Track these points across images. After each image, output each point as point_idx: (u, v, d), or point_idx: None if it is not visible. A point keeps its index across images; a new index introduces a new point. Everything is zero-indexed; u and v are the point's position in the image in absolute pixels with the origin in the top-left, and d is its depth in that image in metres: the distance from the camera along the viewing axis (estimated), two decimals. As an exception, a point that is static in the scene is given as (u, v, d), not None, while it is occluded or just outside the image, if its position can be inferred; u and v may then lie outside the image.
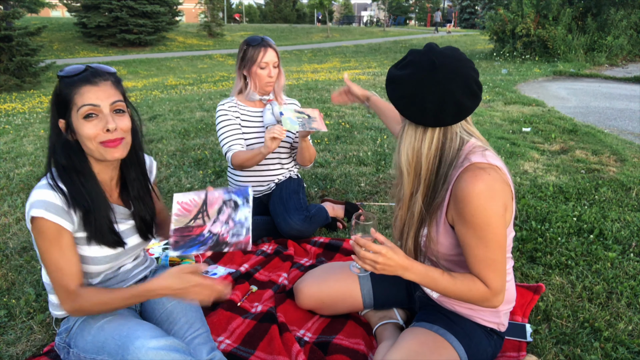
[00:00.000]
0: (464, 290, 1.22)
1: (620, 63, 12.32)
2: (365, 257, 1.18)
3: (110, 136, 1.22)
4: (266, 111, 2.36)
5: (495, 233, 1.16)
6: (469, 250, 1.20)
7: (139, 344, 1.16)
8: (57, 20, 26.16)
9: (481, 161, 1.18)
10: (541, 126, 4.86)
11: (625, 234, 2.39)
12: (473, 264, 1.21)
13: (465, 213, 1.16)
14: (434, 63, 1.16)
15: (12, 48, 10.65)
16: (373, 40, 24.98)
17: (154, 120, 5.54)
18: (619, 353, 1.55)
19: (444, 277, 1.22)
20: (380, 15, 49.20)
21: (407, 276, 1.20)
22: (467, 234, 1.19)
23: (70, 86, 1.21)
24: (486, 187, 1.14)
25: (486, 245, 1.17)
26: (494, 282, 1.20)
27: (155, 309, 1.46)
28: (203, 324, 1.44)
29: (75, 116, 1.21)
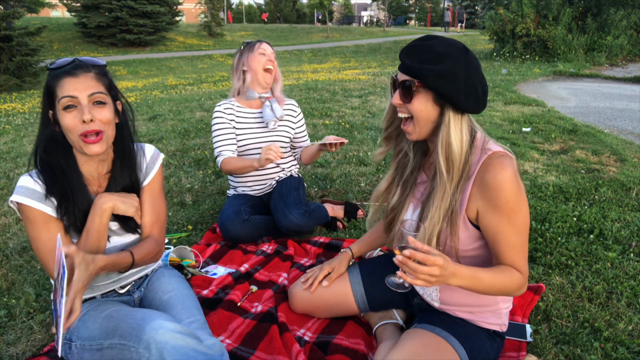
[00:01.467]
0: (506, 282, 1.19)
1: (620, 63, 12.31)
2: (421, 272, 1.06)
3: (87, 127, 1.23)
4: (265, 108, 2.40)
5: (526, 216, 1.19)
6: (503, 238, 1.19)
7: (157, 324, 1.15)
8: (57, 20, 26.16)
9: (499, 149, 1.20)
10: (541, 126, 4.86)
11: (625, 234, 2.39)
12: (507, 252, 1.20)
13: (500, 199, 1.16)
14: (465, 48, 1.18)
15: (12, 48, 10.65)
16: (373, 40, 24.98)
17: (154, 120, 5.54)
18: (619, 353, 1.55)
19: (489, 274, 1.17)
20: (380, 15, 49.20)
21: (455, 282, 1.13)
22: (500, 222, 1.18)
23: (54, 78, 1.24)
24: (514, 173, 1.16)
25: (518, 231, 1.18)
26: (525, 267, 1.22)
27: (152, 302, 1.47)
28: (199, 312, 1.44)
29: (58, 107, 1.24)
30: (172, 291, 1.47)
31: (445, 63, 1.14)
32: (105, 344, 1.21)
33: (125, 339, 1.17)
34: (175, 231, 2.58)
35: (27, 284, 2.02)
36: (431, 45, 1.17)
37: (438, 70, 1.14)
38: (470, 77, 1.16)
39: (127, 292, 1.49)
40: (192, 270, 2.08)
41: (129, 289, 1.49)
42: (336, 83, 8.26)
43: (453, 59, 1.15)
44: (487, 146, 1.21)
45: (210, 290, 1.91)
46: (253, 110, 2.45)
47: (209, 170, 3.51)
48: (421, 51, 1.18)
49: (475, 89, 1.16)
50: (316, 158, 2.47)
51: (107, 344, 1.21)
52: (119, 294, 1.47)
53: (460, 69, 1.15)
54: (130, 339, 1.15)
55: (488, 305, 1.35)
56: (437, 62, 1.15)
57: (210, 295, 1.88)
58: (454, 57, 1.15)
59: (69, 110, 1.23)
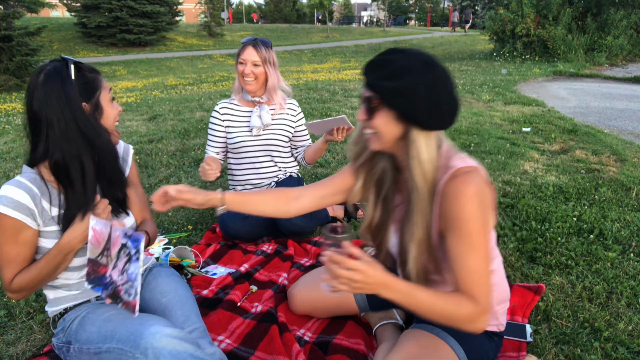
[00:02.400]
0: (449, 309, 1.10)
1: (620, 63, 12.31)
2: (342, 276, 1.03)
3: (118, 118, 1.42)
4: (253, 113, 2.41)
5: (486, 240, 1.13)
6: (460, 260, 1.12)
7: (154, 330, 1.15)
8: (57, 20, 26.16)
9: (464, 165, 1.14)
10: (541, 126, 4.86)
11: (625, 234, 2.39)
12: (463, 277, 1.12)
13: (459, 220, 1.10)
14: (430, 62, 1.11)
15: (12, 48, 10.64)
16: (373, 40, 24.99)
17: (154, 120, 5.54)
18: (619, 353, 1.55)
19: (429, 296, 1.10)
20: (380, 15, 49.19)
21: (387, 294, 1.08)
22: (458, 244, 1.12)
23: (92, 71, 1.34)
24: (477, 191, 1.10)
25: (477, 254, 1.11)
26: (484, 298, 1.12)
27: (150, 304, 1.46)
28: (199, 318, 1.44)
29: (108, 97, 1.36)
30: (170, 293, 1.47)
31: (405, 79, 1.08)
32: (104, 347, 1.22)
33: (123, 344, 1.18)
34: (175, 231, 2.58)
35: (27, 284, 2.02)
36: (392, 60, 1.12)
37: (396, 87, 1.09)
38: (434, 93, 1.09)
39: None
40: (192, 270, 2.08)
41: None
42: (336, 83, 8.26)
43: (414, 74, 1.09)
44: (451, 162, 1.16)
45: (210, 290, 1.91)
46: (248, 109, 2.46)
47: (209, 170, 3.51)
48: (382, 66, 1.12)
49: (439, 106, 1.10)
50: (322, 153, 2.44)
51: (105, 348, 1.22)
52: None
53: (421, 85, 1.08)
54: (128, 344, 1.17)
55: None
56: (396, 78, 1.09)
57: (210, 295, 1.88)
58: (415, 72, 1.09)
59: (113, 102, 1.39)
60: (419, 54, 1.13)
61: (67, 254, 1.26)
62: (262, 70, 2.34)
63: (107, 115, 1.35)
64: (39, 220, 1.26)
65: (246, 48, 2.32)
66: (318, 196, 1.47)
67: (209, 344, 1.36)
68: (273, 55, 2.37)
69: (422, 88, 1.08)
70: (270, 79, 2.37)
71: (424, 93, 1.08)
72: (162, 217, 2.74)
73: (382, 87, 1.11)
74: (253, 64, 2.32)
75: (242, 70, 2.33)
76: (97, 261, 1.26)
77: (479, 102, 6.43)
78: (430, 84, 1.09)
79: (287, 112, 2.51)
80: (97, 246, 1.26)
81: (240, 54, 2.34)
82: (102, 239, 1.25)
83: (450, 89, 1.13)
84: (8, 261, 1.25)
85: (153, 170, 3.58)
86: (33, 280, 1.27)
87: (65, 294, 1.38)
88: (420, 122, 1.11)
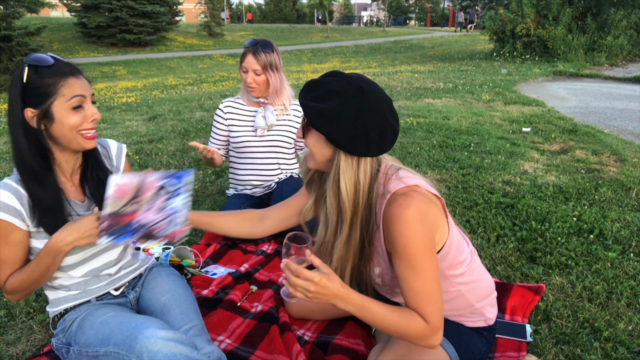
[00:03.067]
0: (402, 325, 1.12)
1: (620, 63, 12.32)
2: (296, 285, 1.07)
3: (91, 125, 1.28)
4: (258, 114, 2.41)
5: (430, 262, 1.12)
6: (405, 283, 1.13)
7: (149, 333, 1.15)
8: (57, 20, 26.17)
9: (400, 187, 1.13)
10: (541, 126, 4.86)
11: (625, 234, 2.39)
12: (411, 298, 1.13)
13: (398, 245, 1.11)
14: (362, 89, 1.10)
15: (12, 48, 10.66)
16: (373, 40, 24.99)
17: (154, 120, 5.54)
18: (619, 353, 1.55)
19: (382, 310, 1.12)
20: (380, 15, 49.21)
21: (342, 306, 1.10)
22: (400, 266, 1.13)
23: (51, 76, 1.22)
24: (415, 213, 1.09)
25: (421, 277, 1.11)
26: (434, 317, 1.12)
27: (149, 303, 1.46)
28: (197, 316, 1.44)
29: (65, 106, 1.23)
30: (169, 292, 1.47)
31: (331, 102, 1.09)
32: (101, 351, 1.23)
33: (119, 347, 1.18)
34: (175, 231, 2.57)
35: (27, 284, 2.02)
36: (325, 82, 1.13)
37: (320, 109, 1.10)
38: (361, 119, 1.08)
39: (122, 294, 1.48)
40: (192, 270, 2.08)
41: (123, 290, 1.49)
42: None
43: (342, 99, 1.09)
44: (387, 187, 1.15)
45: (210, 290, 1.91)
46: (253, 108, 2.47)
47: (209, 170, 3.51)
48: (314, 88, 1.14)
49: (366, 132, 1.08)
50: None
51: (102, 352, 1.22)
52: (114, 296, 1.46)
53: (347, 110, 1.08)
54: (124, 348, 1.17)
55: (463, 308, 1.34)
56: (324, 100, 1.11)
57: (210, 295, 1.88)
58: (344, 97, 1.09)
59: (77, 110, 1.25)
60: (355, 79, 1.13)
61: (55, 256, 1.24)
62: (263, 78, 2.33)
63: (60, 123, 1.23)
64: (28, 221, 1.26)
65: (247, 56, 2.30)
66: (279, 218, 1.50)
67: (207, 342, 1.36)
68: (275, 59, 2.32)
69: (347, 113, 1.08)
70: (271, 84, 2.35)
71: (348, 118, 1.08)
72: (162, 217, 2.74)
73: (308, 108, 1.12)
74: (254, 72, 2.31)
75: (245, 78, 2.34)
76: (120, 213, 1.28)
77: (478, 102, 6.43)
78: (357, 109, 1.08)
79: (292, 113, 2.50)
80: (120, 199, 1.29)
81: (242, 60, 2.34)
82: (130, 189, 1.29)
83: (381, 117, 1.10)
84: (1, 262, 1.25)
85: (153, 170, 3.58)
86: (25, 282, 1.26)
87: (65, 294, 1.38)
88: (342, 146, 1.11)
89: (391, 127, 1.12)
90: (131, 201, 1.29)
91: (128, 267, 1.51)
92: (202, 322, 1.44)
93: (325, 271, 1.09)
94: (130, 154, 3.99)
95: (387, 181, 1.17)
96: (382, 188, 1.16)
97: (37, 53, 1.26)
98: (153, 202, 1.29)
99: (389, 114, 1.12)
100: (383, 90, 1.14)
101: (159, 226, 1.28)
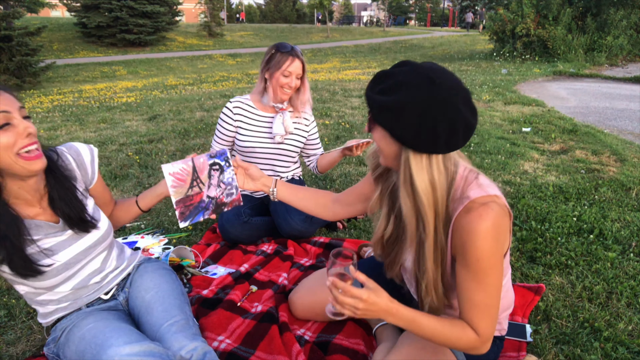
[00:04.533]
0: (452, 339, 1.11)
1: (620, 63, 12.32)
2: (344, 303, 1.05)
3: (28, 141, 1.15)
4: (277, 119, 2.31)
5: (497, 277, 1.08)
6: (466, 293, 1.10)
7: (111, 352, 1.14)
8: (57, 20, 26.16)
9: (481, 195, 1.06)
10: (541, 126, 4.86)
11: (625, 234, 2.39)
12: (468, 308, 1.11)
13: (469, 256, 1.06)
14: (431, 79, 1.00)
15: (12, 48, 10.67)
16: (373, 40, 24.99)
17: (154, 120, 5.54)
18: (619, 353, 1.55)
19: (432, 324, 1.10)
20: (380, 15, 49.20)
21: (391, 321, 1.09)
22: (467, 277, 1.09)
23: None
24: (492, 226, 1.03)
25: (485, 290, 1.08)
26: (487, 330, 1.10)
27: (136, 302, 1.44)
28: (181, 310, 1.40)
29: None
30: (153, 289, 1.44)
31: (397, 95, 1.01)
32: None
33: None
34: (175, 231, 2.58)
35: (27, 284, 2.02)
36: (393, 74, 1.05)
37: (384, 102, 1.02)
38: (429, 113, 0.99)
39: (112, 297, 1.47)
40: (192, 270, 2.08)
41: (113, 294, 1.47)
42: (336, 83, 8.26)
43: (408, 91, 1.00)
44: (466, 193, 1.08)
45: (210, 290, 1.91)
46: (265, 114, 2.36)
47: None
48: (384, 79, 1.06)
49: (434, 128, 0.99)
50: (336, 163, 2.40)
51: None
52: (104, 301, 1.44)
53: (414, 102, 0.99)
54: None
55: None
56: (389, 92, 1.02)
57: (210, 295, 1.88)
58: (411, 88, 1.00)
59: (5, 129, 1.11)
60: (426, 68, 1.04)
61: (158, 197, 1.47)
62: (299, 83, 2.27)
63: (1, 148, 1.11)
64: None
65: (294, 61, 2.20)
66: (346, 203, 1.51)
67: (191, 337, 1.31)
68: None
69: (412, 106, 1.00)
70: (306, 91, 2.31)
71: (413, 111, 1.00)
72: (162, 217, 2.75)
73: (372, 101, 1.06)
74: (297, 77, 2.24)
75: (287, 83, 2.21)
76: (187, 196, 1.42)
77: (479, 102, 6.43)
78: (423, 101, 0.99)
79: (302, 120, 2.43)
80: (182, 185, 1.41)
81: (285, 65, 2.19)
82: (187, 174, 1.42)
83: (454, 110, 1.00)
84: None
85: (153, 170, 3.58)
86: None
87: (55, 307, 1.36)
88: (406, 142, 1.03)
89: (465, 122, 1.01)
90: (192, 184, 1.43)
91: (115, 269, 1.47)
92: (187, 316, 1.40)
93: (372, 287, 1.07)
94: (130, 154, 3.99)
95: (466, 186, 1.09)
96: (460, 192, 1.09)
97: None
98: (211, 180, 1.46)
99: (464, 106, 1.01)
100: (460, 80, 1.04)
101: (222, 197, 1.47)
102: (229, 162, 1.48)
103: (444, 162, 1.07)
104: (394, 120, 1.02)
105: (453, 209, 1.09)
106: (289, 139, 2.38)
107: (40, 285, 1.28)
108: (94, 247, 1.37)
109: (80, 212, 1.33)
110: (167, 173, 1.38)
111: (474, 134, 4.45)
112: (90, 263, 1.38)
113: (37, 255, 1.23)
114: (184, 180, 1.41)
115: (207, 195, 1.45)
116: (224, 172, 1.48)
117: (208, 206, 1.44)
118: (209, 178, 1.45)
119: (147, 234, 2.51)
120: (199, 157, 1.44)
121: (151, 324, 1.35)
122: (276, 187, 1.55)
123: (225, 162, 1.47)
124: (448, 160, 1.08)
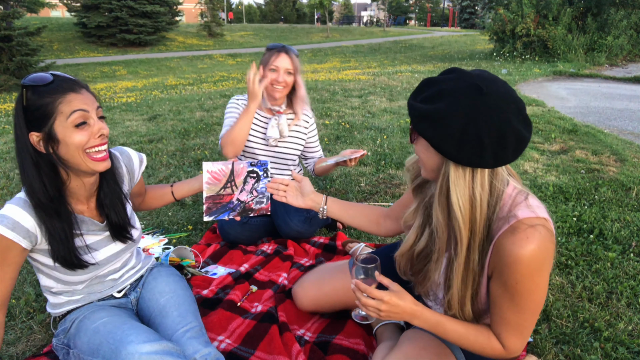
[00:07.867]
0: (475, 346, 1.10)
1: (620, 63, 12.32)
2: (367, 305, 1.07)
3: (99, 141, 1.20)
4: (272, 122, 2.29)
5: (536, 302, 1.02)
6: (499, 310, 1.06)
7: (132, 349, 1.15)
8: (57, 20, 26.17)
9: (530, 216, 0.99)
10: (541, 126, 4.86)
11: (625, 234, 2.39)
12: (498, 324, 1.07)
13: (509, 279, 1.00)
14: (480, 88, 0.94)
15: (12, 48, 10.67)
16: (373, 40, 24.99)
17: (154, 120, 5.54)
18: (619, 353, 1.55)
19: (457, 329, 1.09)
20: (380, 15, 49.21)
21: (416, 324, 1.10)
22: (503, 296, 1.04)
23: (49, 94, 1.14)
24: (538, 252, 0.97)
25: (519, 311, 1.03)
26: (515, 346, 1.07)
27: (149, 304, 1.46)
28: (196, 317, 1.43)
29: (66, 124, 1.15)
30: (168, 293, 1.47)
31: (439, 103, 0.96)
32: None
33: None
34: (175, 231, 2.58)
35: (27, 284, 2.02)
36: (439, 81, 1.00)
37: (424, 111, 0.97)
38: (474, 123, 0.93)
39: (124, 295, 1.49)
40: (192, 270, 2.08)
41: (125, 292, 1.49)
42: (336, 83, 8.27)
43: (452, 99, 0.95)
44: (513, 211, 1.00)
45: (210, 290, 1.91)
46: (264, 114, 2.35)
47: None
48: (428, 87, 1.01)
49: (479, 139, 0.93)
50: (330, 172, 2.38)
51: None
52: (116, 298, 1.47)
53: (456, 112, 0.94)
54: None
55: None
56: (433, 101, 0.97)
57: (210, 295, 1.88)
58: (455, 97, 0.95)
59: (81, 127, 1.16)
60: (474, 76, 0.98)
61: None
62: (292, 79, 2.25)
63: (65, 144, 1.16)
64: (39, 241, 1.20)
65: (280, 55, 2.20)
66: (395, 218, 1.49)
67: (204, 344, 1.35)
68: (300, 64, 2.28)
69: (456, 115, 0.94)
70: (300, 90, 2.30)
71: (456, 121, 0.94)
72: (162, 217, 2.74)
73: (413, 109, 1.00)
74: (286, 72, 2.21)
75: (275, 78, 2.20)
76: (218, 195, 1.55)
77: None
78: (469, 111, 0.93)
79: (302, 123, 2.40)
80: (216, 184, 1.54)
81: (271, 60, 2.20)
82: (223, 175, 1.54)
83: (503, 121, 0.94)
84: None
85: (153, 170, 3.58)
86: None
87: (67, 299, 1.38)
88: (448, 153, 0.96)
89: (515, 134, 0.94)
90: (226, 185, 1.54)
91: (131, 269, 1.51)
92: (201, 323, 1.43)
93: (395, 289, 1.08)
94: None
95: (514, 205, 1.02)
96: (507, 211, 1.02)
97: (39, 73, 1.18)
98: (245, 186, 1.58)
99: (515, 117, 0.95)
100: (512, 90, 0.98)
101: (252, 204, 1.58)
102: (267, 173, 1.58)
103: (489, 179, 1.00)
104: (434, 130, 0.96)
105: (497, 227, 1.02)
106: (285, 142, 2.35)
107: (72, 280, 1.31)
108: (124, 251, 1.43)
109: (124, 221, 1.38)
110: (206, 170, 1.49)
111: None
112: (114, 263, 1.42)
113: (81, 250, 1.28)
114: (219, 180, 1.52)
115: (238, 198, 1.56)
116: (260, 181, 1.59)
117: (235, 208, 1.55)
118: (244, 183, 1.57)
119: (147, 234, 2.51)
120: (239, 163, 1.54)
121: (165, 327, 1.38)
122: (326, 204, 1.53)
123: (264, 172, 1.58)
124: (495, 178, 1.01)
